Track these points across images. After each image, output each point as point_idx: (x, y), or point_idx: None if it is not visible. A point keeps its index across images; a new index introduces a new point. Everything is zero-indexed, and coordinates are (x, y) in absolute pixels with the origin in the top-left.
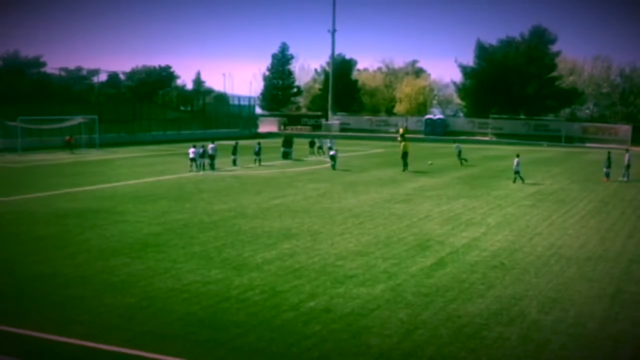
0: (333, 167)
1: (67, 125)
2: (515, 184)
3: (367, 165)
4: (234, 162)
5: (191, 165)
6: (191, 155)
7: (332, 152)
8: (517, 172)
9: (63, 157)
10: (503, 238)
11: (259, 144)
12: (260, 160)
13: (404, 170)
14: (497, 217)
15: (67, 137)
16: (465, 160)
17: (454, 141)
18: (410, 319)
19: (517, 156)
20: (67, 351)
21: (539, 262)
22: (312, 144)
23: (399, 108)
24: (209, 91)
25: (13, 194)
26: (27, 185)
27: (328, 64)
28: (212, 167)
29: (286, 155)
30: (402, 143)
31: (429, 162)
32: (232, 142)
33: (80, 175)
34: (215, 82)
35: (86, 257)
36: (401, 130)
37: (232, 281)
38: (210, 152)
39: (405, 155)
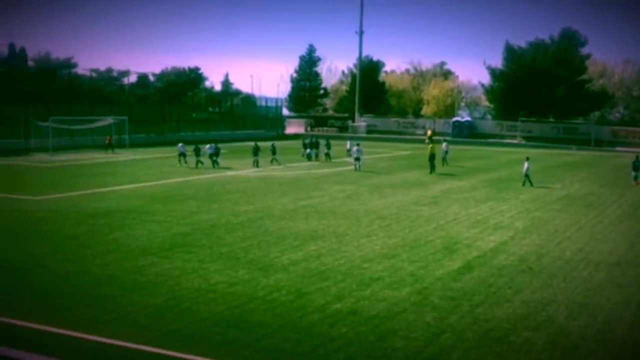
0: (357, 169)
1: (97, 126)
2: (541, 189)
3: (393, 167)
4: (256, 163)
5: (179, 160)
6: (181, 150)
7: (355, 154)
8: (526, 176)
9: (94, 157)
10: (531, 242)
11: (272, 144)
12: (276, 161)
13: (430, 172)
14: (525, 221)
15: (108, 138)
16: (446, 162)
17: (444, 140)
18: (436, 323)
19: (527, 159)
20: (95, 349)
21: (567, 266)
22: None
23: (426, 110)
24: (237, 92)
25: (44, 193)
26: (57, 184)
27: (355, 65)
28: (215, 164)
29: (310, 157)
30: (430, 145)
31: (427, 141)
32: (268, 143)
33: (110, 176)
34: (243, 83)
35: (115, 256)
36: (429, 133)
37: (258, 282)
38: (208, 151)
39: (432, 157)
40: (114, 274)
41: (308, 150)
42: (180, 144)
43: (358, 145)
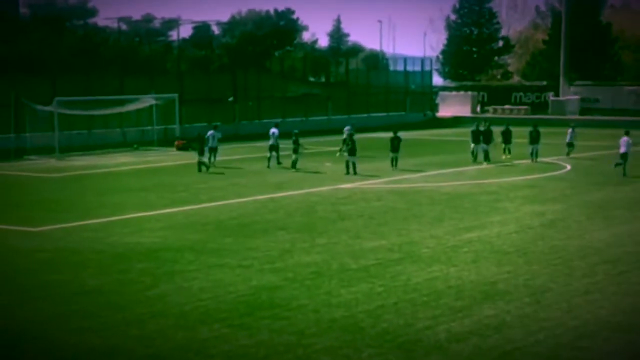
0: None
1: (131, 110)
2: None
3: (629, 172)
4: (393, 162)
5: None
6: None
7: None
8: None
9: (126, 161)
10: None
11: (394, 133)
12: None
13: None
14: None
15: (179, 141)
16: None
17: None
18: None
19: (572, 127)
20: None
21: None
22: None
23: None
24: (356, 50)
25: (48, 221)
26: (67, 206)
27: None
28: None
29: (487, 157)
30: None
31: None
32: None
33: (150, 191)
34: (365, 34)
35: (161, 324)
36: None
37: None
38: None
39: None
40: (161, 353)
41: (473, 145)
42: (273, 130)
43: (573, 127)
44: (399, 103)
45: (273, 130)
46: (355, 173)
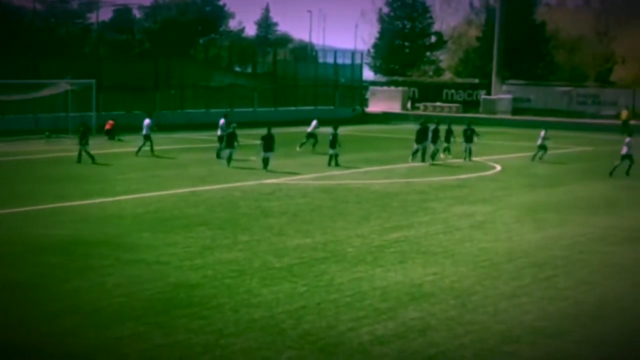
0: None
1: (46, 95)
2: None
3: (558, 174)
4: (331, 160)
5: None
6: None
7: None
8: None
9: (41, 149)
10: None
11: (333, 129)
12: (336, 158)
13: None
14: None
15: (110, 122)
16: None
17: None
18: None
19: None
20: None
21: None
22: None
23: (620, 74)
24: (284, 40)
25: None
26: None
27: None
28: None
29: (417, 153)
30: (627, 138)
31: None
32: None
33: (66, 181)
34: (295, 25)
35: (73, 321)
36: (624, 115)
37: None
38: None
39: (627, 158)
40: (73, 351)
41: (415, 146)
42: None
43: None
44: (328, 97)
45: (222, 120)
46: (337, 164)
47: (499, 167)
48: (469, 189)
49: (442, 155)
